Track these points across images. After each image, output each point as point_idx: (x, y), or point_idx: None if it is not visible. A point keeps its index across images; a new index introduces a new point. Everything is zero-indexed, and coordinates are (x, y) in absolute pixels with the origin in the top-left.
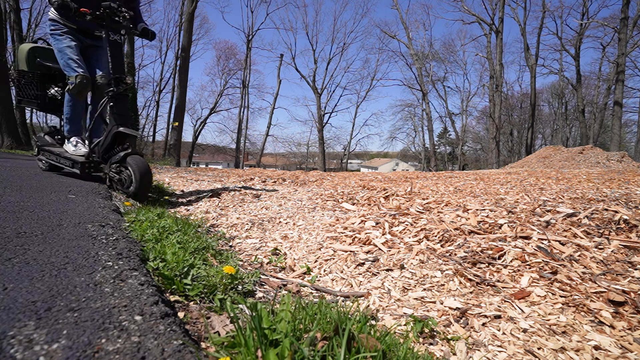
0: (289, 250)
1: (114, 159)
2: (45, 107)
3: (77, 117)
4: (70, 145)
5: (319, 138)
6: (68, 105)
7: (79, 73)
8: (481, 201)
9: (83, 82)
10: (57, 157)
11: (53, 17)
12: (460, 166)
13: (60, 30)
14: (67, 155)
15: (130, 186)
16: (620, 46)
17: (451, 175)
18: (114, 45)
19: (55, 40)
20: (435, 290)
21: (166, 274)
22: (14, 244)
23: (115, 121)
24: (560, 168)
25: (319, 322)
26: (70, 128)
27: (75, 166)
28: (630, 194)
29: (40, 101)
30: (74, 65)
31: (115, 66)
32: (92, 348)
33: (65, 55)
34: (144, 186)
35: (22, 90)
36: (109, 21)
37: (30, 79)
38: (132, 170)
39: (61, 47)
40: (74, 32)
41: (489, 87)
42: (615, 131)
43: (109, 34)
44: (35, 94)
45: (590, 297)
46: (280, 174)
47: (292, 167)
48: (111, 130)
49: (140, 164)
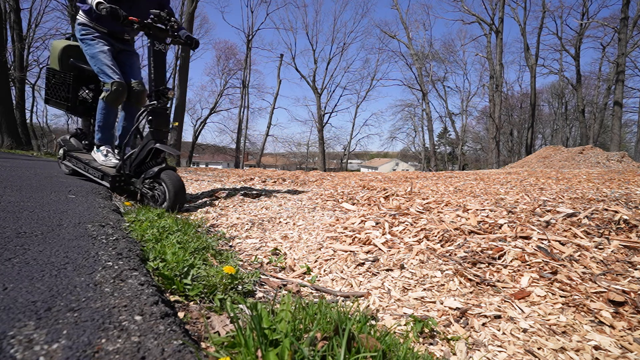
0: (289, 250)
1: (148, 174)
2: (74, 109)
3: (110, 126)
4: (100, 154)
5: (319, 138)
6: (101, 113)
7: (115, 80)
8: (481, 201)
9: (119, 89)
10: (85, 165)
11: (83, 21)
12: (460, 166)
13: (92, 35)
14: (96, 165)
15: (163, 203)
16: (620, 46)
17: (451, 175)
18: (157, 55)
19: (86, 45)
20: (435, 290)
21: (166, 274)
22: (14, 244)
23: (153, 136)
24: (560, 168)
25: (319, 322)
26: (102, 136)
27: (106, 179)
28: (630, 194)
29: (71, 104)
30: (110, 72)
31: (158, 78)
32: (92, 348)
33: (99, 61)
34: (178, 204)
35: (51, 89)
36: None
37: (62, 79)
38: (167, 187)
39: (94, 53)
40: (105, 36)
41: (489, 87)
42: (615, 131)
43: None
44: (65, 95)
45: (590, 297)
46: (280, 174)
47: (292, 167)
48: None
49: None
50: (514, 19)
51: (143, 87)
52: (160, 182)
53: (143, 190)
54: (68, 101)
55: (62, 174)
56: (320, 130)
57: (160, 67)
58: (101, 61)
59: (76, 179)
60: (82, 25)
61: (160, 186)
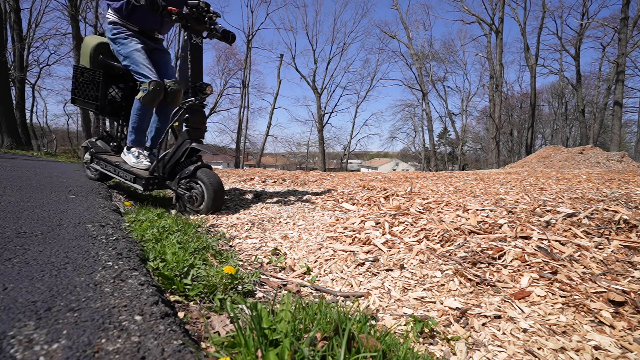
0: (289, 250)
1: (184, 174)
2: (103, 109)
3: (144, 127)
4: (132, 156)
5: (319, 138)
6: (136, 114)
7: (153, 79)
8: (481, 201)
9: (157, 89)
10: (116, 168)
11: (114, 19)
12: (460, 166)
13: (124, 34)
14: (127, 167)
15: (201, 204)
16: (620, 46)
17: (451, 175)
18: (195, 49)
19: (119, 45)
20: (435, 290)
21: (166, 274)
22: (14, 244)
23: (189, 135)
24: (560, 168)
25: (319, 322)
26: (135, 138)
27: (138, 181)
28: (630, 194)
29: (100, 103)
30: (146, 71)
31: (195, 73)
32: (92, 348)
33: (135, 60)
34: (217, 205)
35: (78, 88)
36: (194, 22)
37: (91, 77)
38: (205, 186)
39: (128, 52)
40: (137, 34)
41: (489, 87)
42: (615, 131)
43: (192, 36)
44: (94, 94)
45: (590, 297)
46: (280, 174)
47: (292, 167)
48: (182, 144)
49: (213, 179)
50: (514, 19)
51: (179, 87)
52: (197, 182)
53: (179, 192)
54: (97, 100)
55: (86, 178)
56: (320, 130)
57: (198, 62)
58: (137, 60)
59: (76, 179)
60: (114, 24)
61: (198, 186)
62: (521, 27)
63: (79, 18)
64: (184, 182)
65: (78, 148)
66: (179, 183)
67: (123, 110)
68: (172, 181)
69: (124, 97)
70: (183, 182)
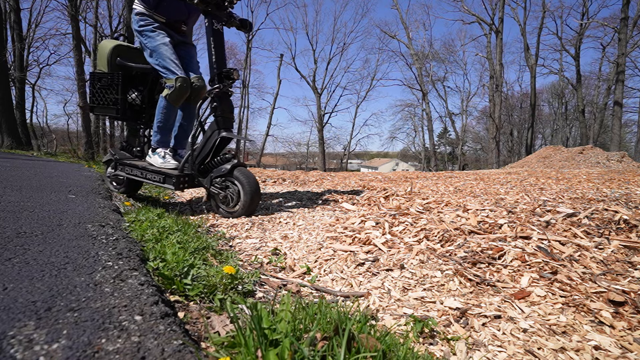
0: (289, 250)
1: (219, 172)
2: (124, 114)
3: (170, 126)
4: (157, 157)
5: (319, 138)
6: (162, 112)
7: (179, 75)
8: (481, 201)
9: (184, 85)
10: (142, 171)
11: (141, 10)
12: (460, 166)
13: (152, 26)
14: (154, 168)
15: (236, 206)
16: (620, 46)
17: (451, 175)
18: (217, 35)
19: (146, 37)
20: (435, 290)
21: (166, 274)
22: (14, 244)
23: (218, 125)
24: (560, 168)
25: (319, 322)
26: (160, 138)
27: (168, 181)
28: (630, 194)
29: (120, 106)
30: (173, 67)
31: (219, 59)
32: (92, 348)
33: (161, 54)
34: (253, 208)
35: (97, 95)
36: (214, 7)
37: (110, 80)
38: (242, 186)
39: (155, 46)
40: (164, 26)
41: (489, 87)
42: (615, 131)
43: (213, 22)
44: (114, 98)
45: (590, 297)
46: (280, 174)
47: (292, 167)
48: (211, 135)
49: (251, 180)
50: (514, 19)
51: (203, 83)
52: (233, 181)
53: (212, 191)
54: (117, 104)
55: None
56: (320, 130)
57: (221, 48)
58: (163, 55)
59: (76, 179)
60: (140, 15)
61: (234, 186)
62: (521, 27)
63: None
64: (219, 180)
65: (78, 148)
66: (212, 181)
67: (144, 112)
68: (204, 179)
69: (144, 100)
70: (218, 180)
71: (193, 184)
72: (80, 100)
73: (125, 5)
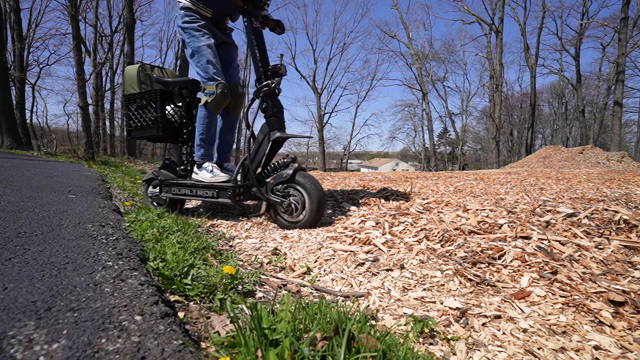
0: (289, 250)
1: (279, 178)
2: (165, 131)
3: (212, 137)
4: (205, 171)
5: (319, 138)
6: (203, 123)
7: (220, 81)
8: (481, 201)
9: (224, 91)
10: (192, 189)
11: (187, 4)
12: (460, 166)
13: (197, 24)
14: (205, 184)
15: (301, 214)
16: (620, 46)
17: (451, 175)
18: (258, 33)
19: (190, 36)
20: (435, 290)
21: (166, 274)
22: (14, 244)
23: (271, 126)
24: (560, 168)
25: (319, 322)
26: (205, 152)
27: (223, 194)
28: (630, 194)
29: (161, 124)
30: (213, 71)
31: (264, 57)
32: (92, 348)
33: (204, 56)
34: (319, 217)
35: (133, 118)
36: (251, 6)
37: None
38: (307, 193)
39: (199, 47)
40: (209, 24)
41: (489, 87)
42: (615, 131)
43: (252, 20)
44: (153, 117)
45: (590, 297)
46: None
47: None
48: (264, 139)
49: (317, 185)
50: (514, 19)
51: (242, 90)
52: (296, 188)
53: (273, 199)
54: (157, 123)
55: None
56: (320, 130)
57: (264, 46)
58: (206, 57)
59: (76, 179)
60: (186, 9)
61: (298, 192)
62: (521, 27)
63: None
64: (281, 187)
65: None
66: (272, 190)
67: (184, 128)
68: (261, 188)
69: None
70: (279, 187)
71: (250, 195)
72: (80, 100)
73: (125, 5)
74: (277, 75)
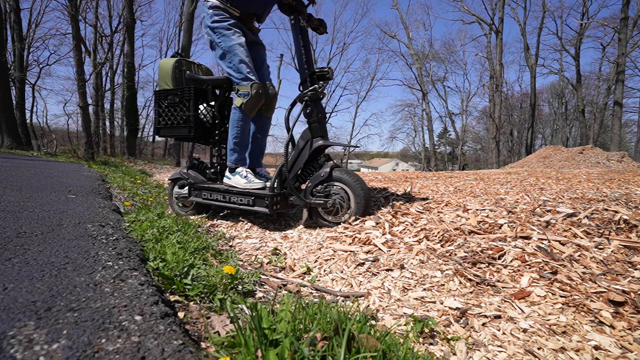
0: (289, 250)
1: (317, 179)
2: (196, 132)
3: (246, 141)
4: (239, 177)
5: None
6: (237, 126)
7: (255, 81)
8: (481, 201)
9: (259, 92)
10: (225, 194)
11: (216, 2)
12: (460, 166)
13: (227, 23)
14: (239, 190)
15: (346, 212)
16: (620, 46)
17: (451, 175)
18: (305, 33)
19: (220, 36)
20: (435, 290)
21: (166, 274)
22: (14, 244)
23: (314, 133)
24: (560, 168)
25: (319, 322)
26: (238, 156)
27: (259, 202)
28: (630, 194)
29: (194, 124)
30: (247, 71)
31: (309, 59)
32: (92, 348)
33: (236, 56)
34: (367, 209)
35: (164, 115)
36: (300, 3)
37: (180, 97)
38: (350, 187)
39: (230, 46)
40: (239, 23)
41: (489, 87)
42: (615, 131)
43: (299, 19)
44: (185, 115)
45: (590, 297)
46: None
47: None
48: (305, 146)
49: (358, 177)
50: (514, 19)
51: (275, 91)
52: (336, 184)
53: (314, 202)
54: (189, 122)
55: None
56: None
57: (309, 47)
58: (238, 57)
59: (76, 179)
60: (215, 8)
61: (339, 189)
62: (521, 27)
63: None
64: (320, 188)
65: (78, 148)
66: (312, 192)
67: (215, 129)
68: (300, 194)
69: (215, 116)
70: (319, 188)
71: (287, 204)
72: (80, 100)
73: (125, 5)
74: (324, 79)
